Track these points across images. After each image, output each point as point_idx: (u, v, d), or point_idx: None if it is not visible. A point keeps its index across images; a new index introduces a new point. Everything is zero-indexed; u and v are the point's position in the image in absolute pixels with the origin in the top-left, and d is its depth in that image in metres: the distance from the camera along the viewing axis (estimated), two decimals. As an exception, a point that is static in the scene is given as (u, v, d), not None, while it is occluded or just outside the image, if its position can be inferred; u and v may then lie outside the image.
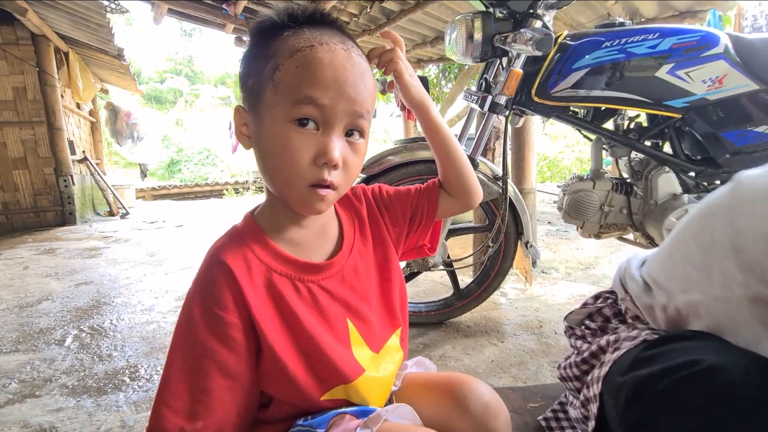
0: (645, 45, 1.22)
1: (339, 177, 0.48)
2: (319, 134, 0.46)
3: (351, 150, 0.49)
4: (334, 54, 0.46)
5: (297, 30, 0.47)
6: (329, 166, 0.46)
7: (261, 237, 0.52)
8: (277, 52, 0.46)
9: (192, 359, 0.47)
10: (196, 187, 9.74)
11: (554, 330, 1.59)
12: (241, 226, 0.55)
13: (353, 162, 0.49)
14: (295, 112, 0.45)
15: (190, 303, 0.48)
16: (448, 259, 1.58)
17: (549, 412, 0.77)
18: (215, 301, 0.47)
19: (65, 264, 2.90)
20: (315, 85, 0.44)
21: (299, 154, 0.46)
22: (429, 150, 1.44)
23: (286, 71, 0.45)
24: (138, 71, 12.78)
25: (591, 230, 1.49)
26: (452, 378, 0.57)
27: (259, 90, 0.47)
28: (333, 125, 0.46)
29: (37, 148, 4.44)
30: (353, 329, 0.54)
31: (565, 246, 2.85)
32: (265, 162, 0.48)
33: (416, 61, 5.44)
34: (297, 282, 0.52)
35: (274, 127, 0.46)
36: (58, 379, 1.37)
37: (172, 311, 1.96)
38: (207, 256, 0.52)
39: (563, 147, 9.70)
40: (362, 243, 0.59)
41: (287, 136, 0.45)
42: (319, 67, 0.45)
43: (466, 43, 1.25)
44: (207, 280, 0.49)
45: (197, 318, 0.47)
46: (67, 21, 3.90)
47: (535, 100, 1.33)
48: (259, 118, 0.48)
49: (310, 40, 0.46)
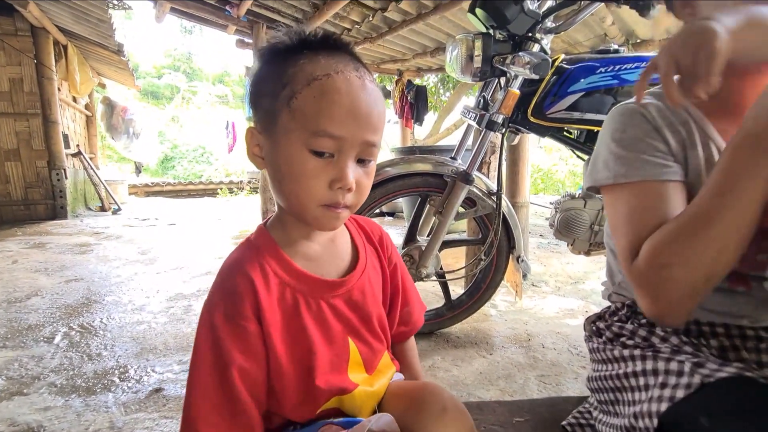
0: (637, 72, 1.26)
1: (352, 198, 0.51)
2: (334, 161, 0.48)
3: (363, 172, 0.51)
4: (350, 84, 0.47)
5: (312, 57, 0.48)
6: (344, 190, 0.49)
7: (276, 250, 0.54)
8: (294, 78, 0.47)
9: (220, 369, 0.48)
10: (190, 185, 9.68)
11: (542, 344, 1.62)
12: (255, 238, 0.56)
13: (365, 183, 0.52)
14: (312, 143, 0.47)
15: (211, 313, 0.49)
16: (441, 270, 1.60)
17: (572, 418, 0.78)
18: (238, 310, 0.49)
19: (55, 259, 2.87)
20: (332, 118, 0.46)
21: (316, 180, 0.48)
22: (426, 163, 1.48)
23: (303, 100, 0.47)
24: (136, 66, 12.66)
25: (581, 248, 1.53)
26: (417, 385, 0.59)
27: (274, 114, 0.48)
28: (348, 153, 0.48)
29: (30, 140, 4.41)
30: (354, 349, 0.56)
31: (555, 260, 2.90)
32: (281, 184, 0.50)
33: (416, 70, 5.50)
34: (309, 297, 0.53)
35: (291, 152, 0.48)
36: (46, 377, 1.37)
37: (163, 312, 1.95)
38: (226, 266, 0.53)
39: (557, 160, 9.82)
40: (372, 265, 0.61)
41: (304, 163, 0.47)
42: (336, 98, 0.46)
43: (466, 62, 1.29)
44: (229, 290, 0.50)
45: (221, 328, 0.48)
46: (68, 14, 3.89)
47: (530, 120, 1.37)
48: (274, 141, 0.49)
49: (326, 68, 0.47)
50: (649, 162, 0.59)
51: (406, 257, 1.51)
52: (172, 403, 1.23)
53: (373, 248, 0.64)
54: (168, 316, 1.89)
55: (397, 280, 0.66)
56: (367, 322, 0.58)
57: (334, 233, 0.59)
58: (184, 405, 0.48)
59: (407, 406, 0.55)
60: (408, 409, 0.54)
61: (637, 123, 0.62)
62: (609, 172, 0.63)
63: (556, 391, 1.30)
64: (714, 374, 0.49)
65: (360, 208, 1.45)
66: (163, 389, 1.30)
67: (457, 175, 1.40)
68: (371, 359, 0.59)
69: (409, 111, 5.53)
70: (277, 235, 0.55)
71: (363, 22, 3.70)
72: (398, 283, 0.66)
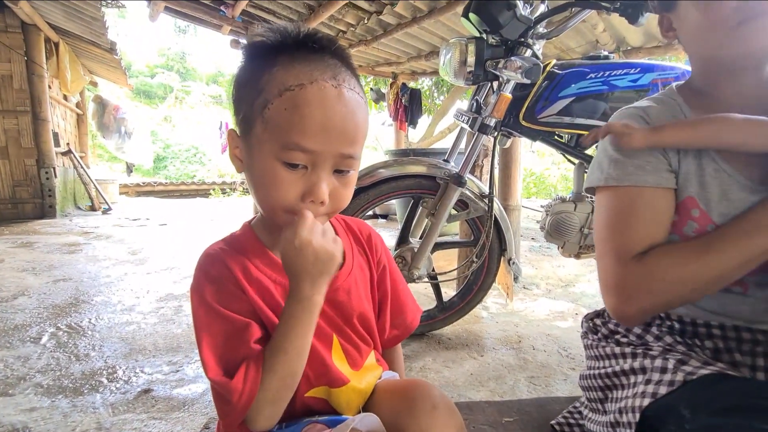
0: (627, 78, 1.29)
1: (327, 209, 0.50)
2: (308, 173, 0.47)
3: (340, 183, 0.50)
4: (324, 94, 0.45)
5: (287, 64, 0.47)
6: (316, 203, 0.48)
7: (259, 246, 0.54)
8: (267, 87, 0.46)
9: (222, 332, 0.48)
10: (182, 185, 9.60)
11: (532, 345, 1.64)
12: (239, 235, 0.56)
13: (342, 193, 0.50)
14: (284, 155, 0.46)
15: (201, 294, 0.50)
16: (433, 272, 1.61)
17: (561, 417, 0.79)
18: (221, 285, 0.50)
19: (43, 259, 2.83)
20: (303, 131, 0.45)
21: (287, 192, 0.47)
22: (419, 165, 1.49)
23: (275, 111, 0.45)
24: (129, 64, 12.58)
25: (571, 250, 1.55)
26: (408, 383, 0.59)
27: (249, 121, 0.48)
28: (322, 166, 0.47)
29: (19, 138, 4.34)
30: (337, 346, 0.57)
31: (547, 263, 2.92)
32: (255, 189, 0.50)
33: (411, 73, 5.52)
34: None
35: (263, 161, 0.47)
36: (32, 377, 1.35)
37: (153, 312, 1.93)
38: (204, 255, 0.53)
39: (550, 164, 9.92)
40: (359, 266, 0.61)
41: (275, 174, 0.47)
42: (307, 111, 0.45)
43: (459, 66, 1.30)
44: (209, 271, 0.51)
45: (210, 301, 0.49)
46: (60, 12, 3.85)
47: (522, 124, 1.39)
48: (249, 148, 0.49)
49: (299, 77, 0.45)
50: (642, 168, 0.61)
51: (398, 258, 1.52)
52: (161, 404, 1.22)
53: (361, 249, 0.63)
54: (158, 317, 1.88)
55: (385, 284, 0.65)
56: (351, 323, 0.58)
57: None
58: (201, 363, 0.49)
59: (398, 403, 0.55)
60: (398, 406, 0.54)
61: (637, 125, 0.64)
62: (602, 174, 0.65)
63: (546, 392, 1.32)
64: (696, 371, 0.50)
65: (352, 209, 1.47)
66: (152, 390, 1.29)
67: (450, 177, 1.42)
68: (356, 357, 0.59)
69: (404, 114, 5.55)
70: (260, 232, 0.56)
71: (358, 24, 3.71)
72: (387, 287, 0.65)
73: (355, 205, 1.46)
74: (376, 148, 11.57)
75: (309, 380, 0.55)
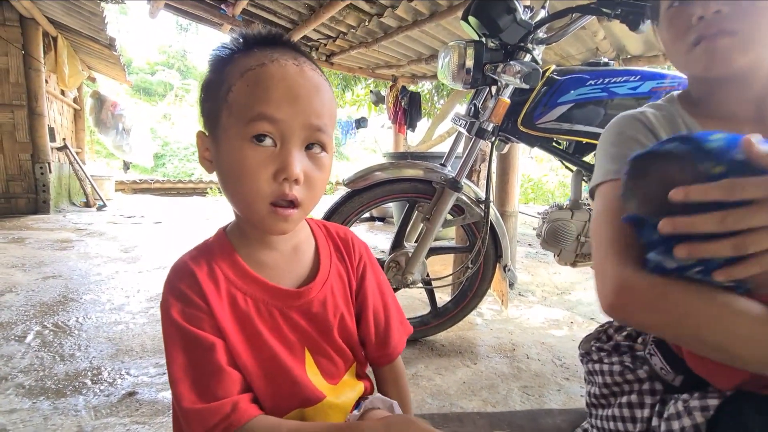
0: (627, 86, 1.27)
1: (302, 193, 0.47)
2: (277, 150, 0.46)
3: (313, 165, 0.48)
4: (285, 69, 0.46)
5: (247, 51, 0.47)
6: (290, 181, 0.45)
7: (231, 254, 0.52)
8: (229, 74, 0.46)
9: (189, 351, 0.47)
10: (179, 183, 9.56)
11: (527, 354, 1.61)
12: (212, 241, 0.54)
13: (317, 177, 0.48)
14: (250, 130, 0.45)
15: (167, 308, 0.49)
16: (427, 278, 1.59)
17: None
18: (188, 302, 0.48)
19: (33, 255, 2.79)
20: (267, 101, 0.44)
21: (258, 172, 0.45)
22: (415, 168, 1.47)
23: (238, 91, 0.45)
24: (129, 61, 12.55)
25: (567, 258, 1.53)
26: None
27: (215, 114, 0.47)
28: (291, 140, 0.46)
29: (14, 132, 4.30)
30: (309, 359, 0.54)
31: (543, 269, 2.90)
32: (227, 183, 0.48)
33: (410, 77, 5.52)
34: (260, 304, 0.51)
35: (231, 147, 0.46)
36: (14, 377, 1.31)
37: (143, 312, 1.90)
38: (175, 266, 0.52)
39: (548, 170, 9.93)
40: (337, 275, 0.58)
41: (244, 154, 0.45)
42: (270, 84, 0.45)
43: (457, 69, 1.29)
44: (175, 286, 0.49)
45: (176, 318, 0.48)
46: (59, 6, 3.83)
47: (520, 129, 1.37)
48: (217, 141, 0.48)
49: (260, 58, 0.46)
50: None
51: (392, 263, 1.49)
52: (146, 407, 1.19)
53: (340, 256, 0.60)
54: (147, 317, 1.84)
55: (365, 292, 0.61)
56: (327, 335, 0.55)
57: (297, 241, 0.56)
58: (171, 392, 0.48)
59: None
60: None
61: (633, 125, 0.64)
62: (600, 171, 0.64)
63: (539, 402, 1.29)
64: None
65: (347, 212, 1.45)
66: (136, 393, 1.26)
67: (446, 182, 1.40)
68: (332, 370, 0.56)
69: (403, 117, 5.54)
70: (234, 239, 0.54)
71: (359, 26, 3.71)
72: (366, 296, 0.61)
73: (349, 207, 1.44)
74: (375, 150, 11.57)
75: (279, 407, 0.51)
